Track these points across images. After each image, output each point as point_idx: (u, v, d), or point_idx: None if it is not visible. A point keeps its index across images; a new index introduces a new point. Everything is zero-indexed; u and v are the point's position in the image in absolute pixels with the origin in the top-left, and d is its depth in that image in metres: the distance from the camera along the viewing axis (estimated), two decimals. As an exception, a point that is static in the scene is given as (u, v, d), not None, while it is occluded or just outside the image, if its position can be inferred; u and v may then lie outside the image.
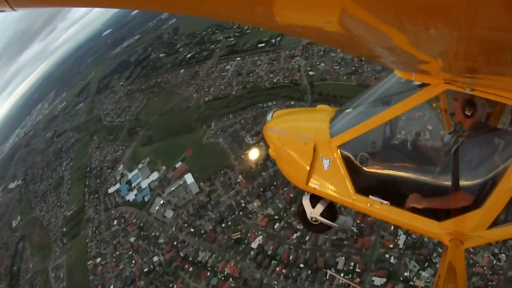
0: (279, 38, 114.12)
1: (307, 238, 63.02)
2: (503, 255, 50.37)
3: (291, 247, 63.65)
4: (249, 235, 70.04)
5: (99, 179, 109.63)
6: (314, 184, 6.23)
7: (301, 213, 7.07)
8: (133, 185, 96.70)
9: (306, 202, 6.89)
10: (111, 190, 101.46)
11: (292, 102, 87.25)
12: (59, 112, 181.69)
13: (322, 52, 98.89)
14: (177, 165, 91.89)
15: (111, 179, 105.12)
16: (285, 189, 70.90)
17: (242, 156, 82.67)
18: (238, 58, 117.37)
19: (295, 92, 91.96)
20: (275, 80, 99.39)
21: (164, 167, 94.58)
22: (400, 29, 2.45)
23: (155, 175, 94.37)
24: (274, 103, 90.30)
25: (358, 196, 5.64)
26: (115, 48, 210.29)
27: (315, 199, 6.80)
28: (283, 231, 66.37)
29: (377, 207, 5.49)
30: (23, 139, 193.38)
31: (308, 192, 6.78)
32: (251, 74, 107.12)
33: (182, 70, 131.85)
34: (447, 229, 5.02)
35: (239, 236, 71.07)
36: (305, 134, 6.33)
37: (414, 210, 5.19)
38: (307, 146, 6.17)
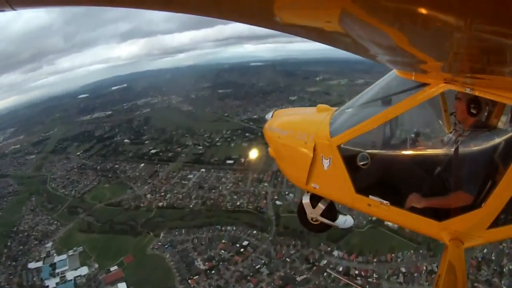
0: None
1: None
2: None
3: None
4: None
5: (23, 246, 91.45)
6: (314, 184, 6.14)
7: (301, 213, 6.96)
8: (57, 271, 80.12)
9: (306, 202, 6.80)
10: (31, 265, 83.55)
11: (254, 231, 79.72)
12: (10, 152, 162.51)
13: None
14: (111, 268, 77.51)
15: (35, 253, 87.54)
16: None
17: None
18: (203, 170, 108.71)
19: (258, 221, 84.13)
20: (238, 203, 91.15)
21: (96, 265, 79.61)
22: (400, 29, 2.51)
23: (84, 270, 78.89)
24: (234, 228, 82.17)
25: (358, 196, 5.56)
26: (84, 115, 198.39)
27: (315, 199, 6.71)
28: None
29: (377, 207, 5.40)
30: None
31: (308, 192, 6.69)
32: (213, 190, 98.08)
33: (142, 165, 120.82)
34: (447, 229, 4.97)
35: None
36: (305, 134, 6.23)
37: (414, 210, 5.16)
38: (307, 146, 6.08)
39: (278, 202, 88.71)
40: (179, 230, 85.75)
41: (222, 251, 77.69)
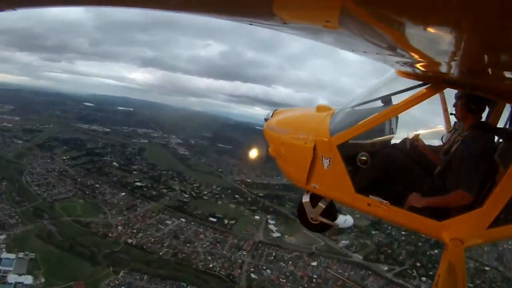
0: (233, 221, 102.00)
1: None
2: None
3: None
4: None
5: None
6: (314, 183, 6.02)
7: (301, 212, 6.82)
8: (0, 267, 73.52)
9: (306, 201, 6.64)
10: (-25, 250, 76.20)
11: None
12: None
13: (273, 258, 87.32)
14: (58, 289, 70.00)
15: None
16: None
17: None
18: (183, 219, 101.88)
19: (227, 289, 77.08)
20: (211, 265, 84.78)
21: (43, 280, 72.75)
22: (399, 29, 2.51)
23: (29, 279, 71.93)
24: (200, 290, 75.16)
25: (358, 195, 5.44)
26: (83, 123, 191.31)
27: (315, 199, 6.55)
28: None
29: (377, 206, 5.26)
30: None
31: (308, 191, 6.56)
32: (188, 244, 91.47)
33: (123, 194, 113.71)
34: (447, 228, 4.84)
35: None
36: (305, 133, 6.13)
37: (414, 209, 5.04)
38: (307, 145, 5.97)
39: (253, 275, 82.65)
40: (142, 275, 79.18)
41: (182, 312, 70.85)
